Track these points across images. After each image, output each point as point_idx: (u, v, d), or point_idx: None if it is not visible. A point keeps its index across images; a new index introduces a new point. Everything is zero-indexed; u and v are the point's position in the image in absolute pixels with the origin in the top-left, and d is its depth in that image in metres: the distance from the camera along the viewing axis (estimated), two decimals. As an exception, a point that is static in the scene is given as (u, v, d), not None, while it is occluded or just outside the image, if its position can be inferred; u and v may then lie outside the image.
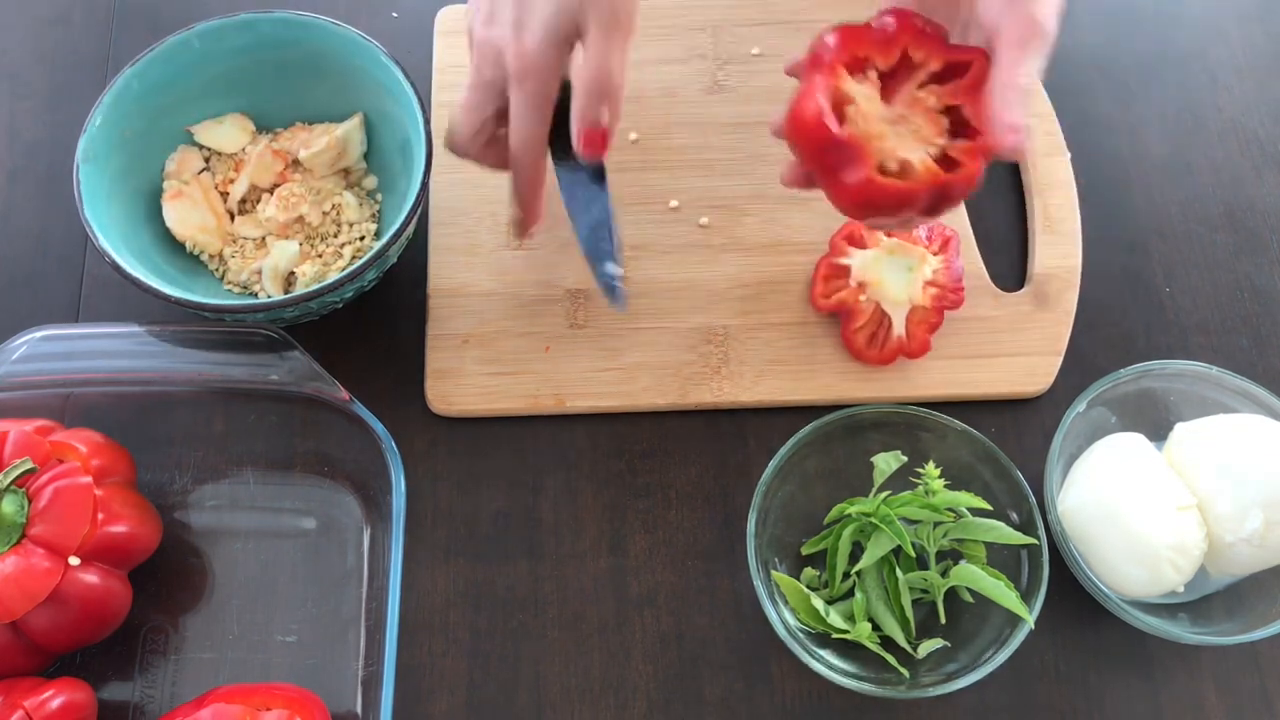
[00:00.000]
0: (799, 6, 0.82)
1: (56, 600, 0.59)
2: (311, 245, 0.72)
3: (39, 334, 0.66)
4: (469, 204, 0.76)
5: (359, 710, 0.63)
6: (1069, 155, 0.78)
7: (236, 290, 0.72)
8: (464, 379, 0.71)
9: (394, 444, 0.65)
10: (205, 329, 0.67)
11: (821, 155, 0.56)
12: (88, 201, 0.66)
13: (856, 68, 0.58)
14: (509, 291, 0.74)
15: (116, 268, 0.65)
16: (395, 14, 0.83)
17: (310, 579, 0.67)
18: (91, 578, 0.60)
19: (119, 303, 0.74)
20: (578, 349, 0.72)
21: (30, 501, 0.60)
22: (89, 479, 0.61)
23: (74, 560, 0.60)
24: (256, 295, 0.71)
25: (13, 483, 0.60)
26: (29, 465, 0.60)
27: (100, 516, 0.61)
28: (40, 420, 0.64)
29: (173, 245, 0.73)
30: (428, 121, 0.68)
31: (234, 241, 0.73)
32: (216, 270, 0.73)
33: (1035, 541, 0.63)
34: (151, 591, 0.66)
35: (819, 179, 0.58)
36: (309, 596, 0.66)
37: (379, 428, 0.66)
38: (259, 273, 0.71)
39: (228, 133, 0.74)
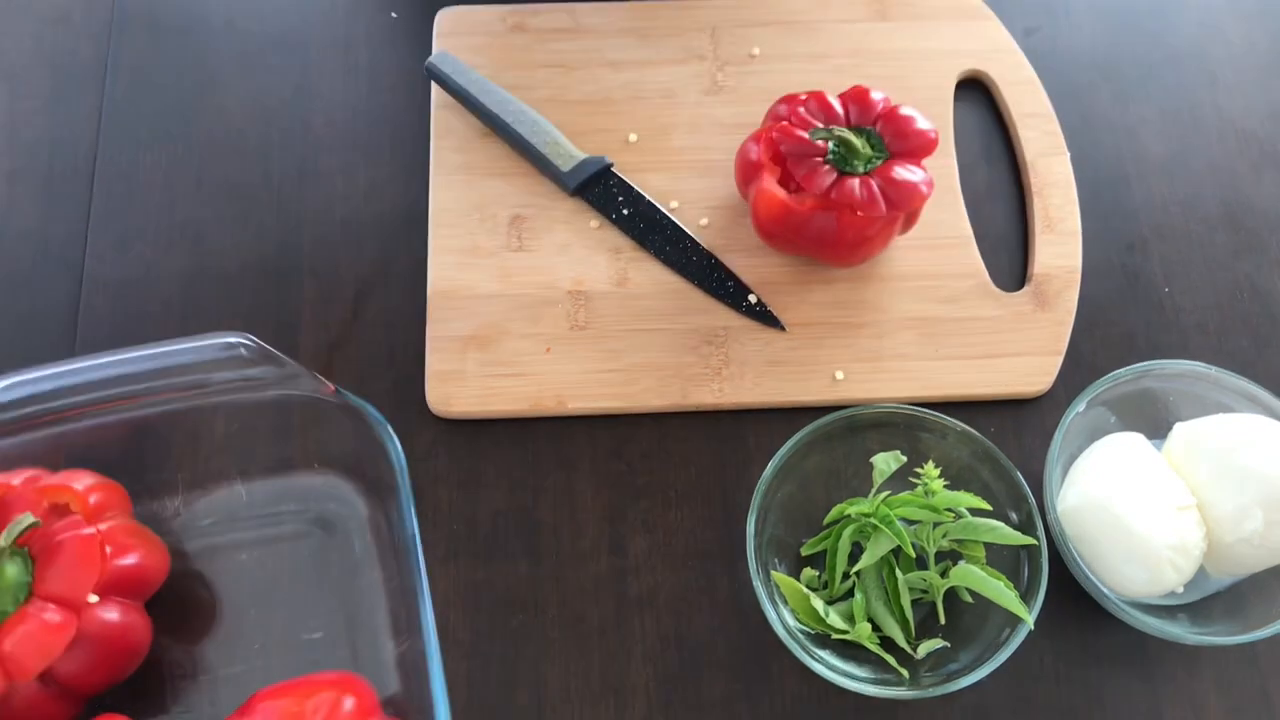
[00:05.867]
0: (799, 6, 0.82)
1: (79, 642, 0.58)
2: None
3: (5, 382, 0.62)
4: (469, 205, 0.76)
5: (401, 688, 0.63)
6: (1069, 155, 0.78)
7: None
8: (465, 381, 0.71)
9: (381, 417, 0.65)
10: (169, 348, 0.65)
11: None
12: None
13: None
14: (510, 293, 0.74)
15: None
16: (394, 14, 0.83)
17: (323, 574, 0.66)
18: (111, 614, 0.59)
19: (118, 303, 0.74)
20: (578, 350, 0.72)
21: (34, 560, 0.59)
22: (92, 530, 0.59)
23: (92, 598, 0.58)
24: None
25: (14, 543, 0.58)
26: (29, 522, 0.59)
27: (109, 549, 0.59)
28: (29, 470, 0.63)
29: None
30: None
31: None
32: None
33: (1035, 542, 0.63)
34: (165, 620, 0.65)
35: None
36: (325, 591, 0.66)
37: (365, 406, 0.65)
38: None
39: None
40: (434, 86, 0.79)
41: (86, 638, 0.58)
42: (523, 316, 0.73)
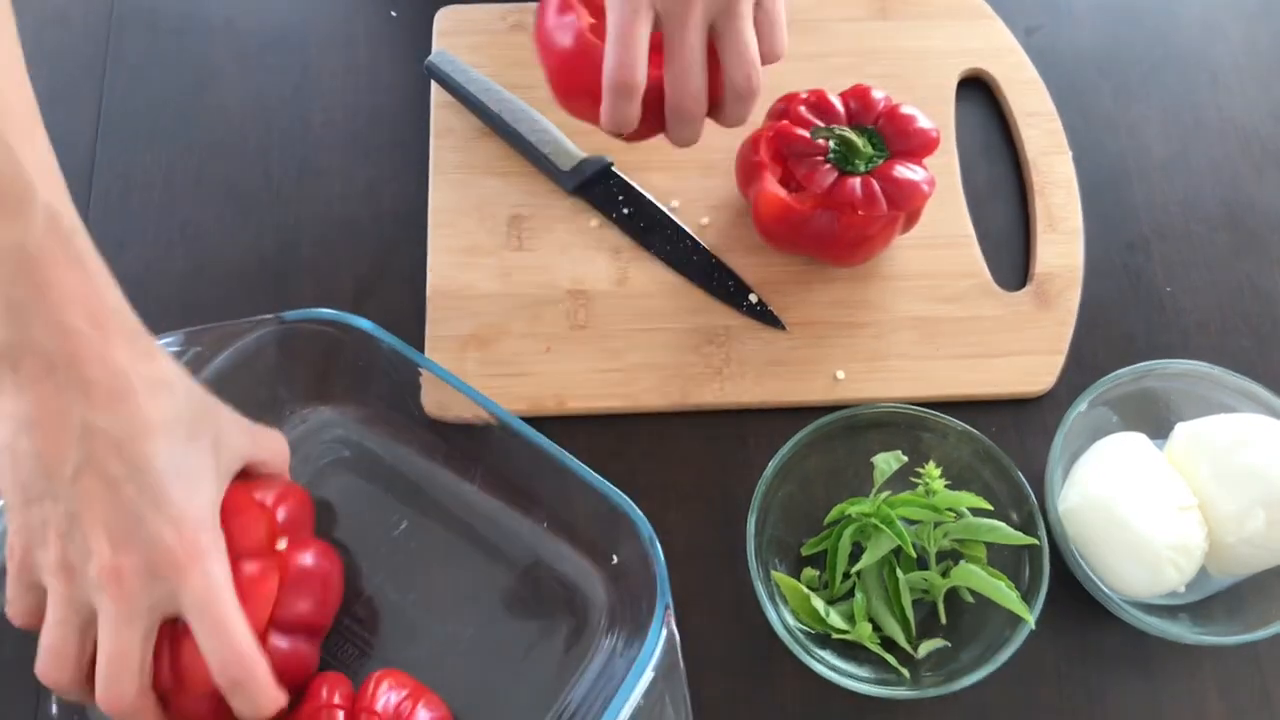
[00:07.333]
0: (799, 6, 0.82)
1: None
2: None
3: None
4: (469, 204, 0.76)
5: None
6: (1070, 154, 0.78)
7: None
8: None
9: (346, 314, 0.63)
10: None
11: None
12: None
13: None
14: (509, 293, 0.73)
15: None
16: (394, 13, 0.83)
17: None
18: (281, 644, 0.56)
19: (119, 303, 0.74)
20: (578, 350, 0.72)
21: None
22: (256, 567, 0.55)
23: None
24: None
25: None
26: None
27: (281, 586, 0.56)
28: None
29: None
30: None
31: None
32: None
33: (1036, 542, 0.63)
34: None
35: None
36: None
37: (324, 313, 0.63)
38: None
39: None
40: (434, 85, 0.79)
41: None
42: (522, 316, 0.73)
